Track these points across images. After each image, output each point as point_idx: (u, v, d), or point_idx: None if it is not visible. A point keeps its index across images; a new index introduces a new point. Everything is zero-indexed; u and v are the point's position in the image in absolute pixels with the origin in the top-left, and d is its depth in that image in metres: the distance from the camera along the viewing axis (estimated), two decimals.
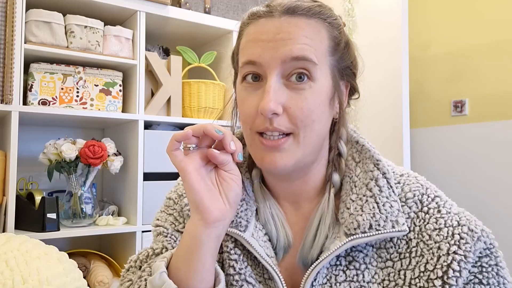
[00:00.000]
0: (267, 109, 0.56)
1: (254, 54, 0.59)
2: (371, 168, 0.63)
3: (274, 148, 0.59)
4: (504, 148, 2.29)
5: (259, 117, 0.59)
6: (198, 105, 1.71)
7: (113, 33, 1.56)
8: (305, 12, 0.59)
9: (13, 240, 1.04)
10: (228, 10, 1.87)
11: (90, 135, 1.79)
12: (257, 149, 0.61)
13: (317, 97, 0.59)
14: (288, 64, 0.57)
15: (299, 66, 0.58)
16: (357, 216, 0.59)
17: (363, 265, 0.59)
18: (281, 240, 0.63)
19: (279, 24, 0.58)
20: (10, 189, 1.35)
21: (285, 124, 0.58)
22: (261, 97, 0.58)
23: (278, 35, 0.58)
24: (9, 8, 1.35)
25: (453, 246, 0.56)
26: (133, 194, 1.57)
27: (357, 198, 0.61)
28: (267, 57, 0.58)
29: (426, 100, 2.62)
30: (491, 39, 2.37)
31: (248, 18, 0.63)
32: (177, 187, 0.75)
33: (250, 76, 0.60)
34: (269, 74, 0.58)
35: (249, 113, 0.60)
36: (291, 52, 0.57)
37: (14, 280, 0.92)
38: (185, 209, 0.70)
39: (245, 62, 0.60)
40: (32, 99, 1.43)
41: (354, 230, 0.58)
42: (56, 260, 1.03)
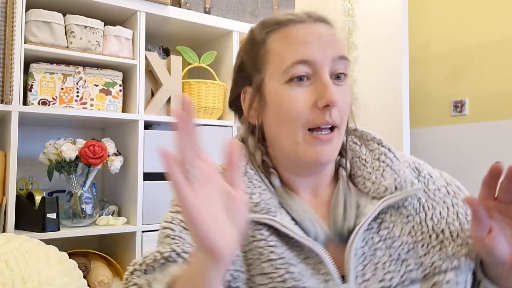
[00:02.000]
0: (335, 100, 0.62)
1: (306, 54, 0.64)
2: (376, 147, 0.75)
3: (328, 141, 0.65)
4: (504, 148, 2.29)
5: (314, 113, 0.64)
6: (198, 105, 1.71)
7: (113, 33, 1.56)
8: (330, 22, 0.69)
9: (13, 240, 1.04)
10: (228, 10, 1.87)
11: (90, 135, 1.79)
12: (309, 145, 0.65)
13: (349, 93, 0.69)
14: (336, 62, 0.65)
15: (342, 64, 0.66)
16: (382, 182, 0.69)
17: (391, 223, 0.68)
18: (320, 235, 0.66)
19: (320, 28, 0.67)
20: (10, 189, 1.35)
21: (337, 117, 0.65)
22: (314, 93, 0.64)
23: (323, 38, 0.65)
24: (9, 8, 1.35)
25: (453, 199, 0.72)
26: (133, 194, 1.57)
27: (374, 170, 0.71)
28: (320, 56, 0.64)
29: (426, 100, 2.62)
30: (491, 38, 2.37)
31: (273, 25, 0.68)
32: None
33: (298, 77, 0.64)
34: (323, 71, 0.64)
35: (302, 110, 0.64)
36: (338, 52, 0.65)
37: (14, 280, 0.92)
38: None
39: (296, 61, 0.64)
40: (32, 99, 1.43)
41: (383, 193, 0.68)
42: (56, 260, 1.04)
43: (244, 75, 0.71)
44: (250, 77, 0.70)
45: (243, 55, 0.72)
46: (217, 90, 1.76)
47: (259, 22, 0.71)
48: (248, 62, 0.71)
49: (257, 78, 0.68)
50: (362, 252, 0.65)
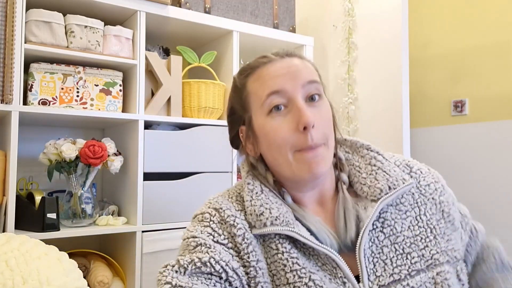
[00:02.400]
0: (310, 121, 0.70)
1: (278, 85, 0.73)
2: (366, 152, 0.81)
3: (316, 155, 0.71)
4: (504, 148, 2.29)
5: (297, 136, 0.71)
6: (198, 105, 1.71)
7: (113, 33, 1.56)
8: (298, 55, 0.79)
9: (13, 240, 1.04)
10: (228, 10, 1.86)
11: (90, 135, 1.79)
12: (302, 162, 0.72)
13: (328, 110, 0.76)
14: (306, 87, 0.74)
15: (313, 87, 0.74)
16: (376, 185, 0.76)
17: (392, 221, 0.74)
18: (333, 243, 0.72)
19: (286, 62, 0.76)
20: (10, 189, 1.35)
21: (318, 137, 0.72)
22: (293, 119, 0.72)
23: (291, 69, 0.74)
24: (9, 8, 1.34)
25: (441, 197, 0.79)
26: (133, 194, 1.57)
27: (368, 174, 0.78)
28: (290, 85, 0.73)
29: (426, 100, 2.62)
30: (491, 39, 2.37)
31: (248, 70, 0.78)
32: (209, 204, 0.78)
33: (275, 107, 0.73)
34: (295, 97, 0.73)
35: (286, 137, 0.72)
36: (306, 78, 0.74)
37: (14, 280, 0.92)
38: (228, 220, 0.73)
39: (270, 93, 0.73)
40: (32, 99, 1.43)
41: (379, 195, 0.75)
42: (56, 260, 1.03)
43: (237, 117, 0.81)
44: (242, 117, 0.80)
45: (232, 100, 0.83)
46: (217, 90, 1.76)
47: (239, 70, 0.82)
48: (236, 105, 0.81)
49: (247, 117, 0.78)
50: (370, 251, 0.71)
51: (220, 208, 0.75)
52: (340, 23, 2.24)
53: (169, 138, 1.64)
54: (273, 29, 1.95)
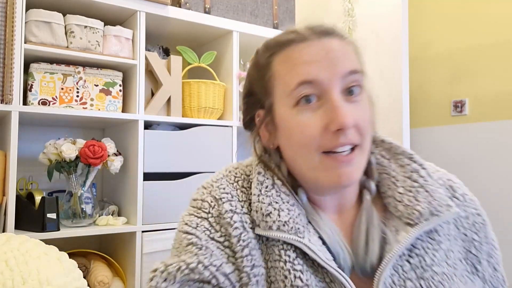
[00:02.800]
0: (347, 122, 0.58)
1: (311, 74, 0.60)
2: (407, 162, 0.68)
3: (348, 162, 0.60)
4: (504, 148, 2.29)
5: (327, 137, 0.59)
6: (198, 105, 1.71)
7: (113, 33, 1.56)
8: (338, 33, 0.64)
9: (13, 240, 1.04)
10: (228, 10, 1.86)
11: (90, 135, 1.79)
12: (330, 169, 0.60)
13: (367, 106, 0.64)
14: (346, 79, 0.60)
15: (354, 79, 0.61)
16: (415, 206, 0.63)
17: (422, 250, 0.62)
18: (346, 260, 0.62)
19: (324, 45, 0.61)
20: (10, 189, 1.35)
21: (355, 137, 0.60)
22: (324, 116, 0.59)
23: (329, 55, 0.60)
24: (9, 8, 1.34)
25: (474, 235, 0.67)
26: (133, 194, 1.57)
27: (405, 190, 0.65)
28: (327, 75, 0.59)
29: (426, 100, 2.62)
30: (491, 39, 2.37)
31: (275, 47, 0.64)
32: (211, 189, 0.68)
33: (305, 98, 0.60)
34: (331, 90, 0.60)
35: (313, 135, 0.60)
36: (347, 67, 0.60)
37: (14, 280, 0.92)
38: (225, 216, 0.63)
39: (301, 82, 0.60)
40: (32, 99, 1.43)
41: (417, 219, 0.62)
42: (56, 260, 1.03)
43: (255, 99, 0.68)
44: (261, 101, 0.67)
45: (251, 79, 0.70)
46: (217, 90, 1.76)
47: (264, 43, 0.68)
48: (256, 86, 0.68)
49: (267, 102, 0.66)
50: (391, 280, 0.60)
51: (220, 198, 0.65)
52: (340, 23, 2.24)
53: (169, 138, 1.64)
54: (273, 29, 1.96)
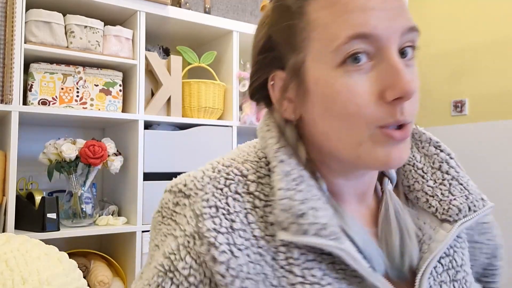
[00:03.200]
0: (412, 89, 0.46)
1: (369, 25, 0.46)
2: (434, 151, 0.60)
3: (403, 139, 0.49)
4: (505, 148, 2.29)
5: (380, 107, 0.47)
6: (198, 105, 1.71)
7: (113, 33, 1.56)
8: None
9: (13, 240, 1.04)
10: (228, 10, 1.86)
11: (90, 135, 1.79)
12: (379, 146, 0.48)
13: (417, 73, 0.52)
14: (405, 37, 0.48)
15: (411, 38, 0.49)
16: (452, 201, 0.56)
17: (451, 249, 0.56)
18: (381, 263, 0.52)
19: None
20: (10, 189, 1.35)
21: (411, 111, 0.48)
22: (379, 80, 0.47)
23: (386, 3, 0.47)
24: (9, 8, 1.35)
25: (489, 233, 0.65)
26: (133, 194, 1.57)
27: (436, 183, 0.58)
28: (385, 28, 0.47)
29: (426, 100, 2.62)
30: (491, 38, 2.37)
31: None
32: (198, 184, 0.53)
33: (353, 56, 0.47)
34: (389, 49, 0.47)
35: (364, 104, 0.47)
36: (408, 22, 0.48)
37: (14, 280, 0.92)
38: (207, 235, 0.48)
39: (354, 36, 0.46)
40: (32, 99, 1.44)
41: (456, 216, 0.55)
42: (56, 260, 1.04)
43: (274, 56, 0.54)
44: (283, 59, 0.53)
45: (271, 29, 0.54)
46: (217, 90, 1.76)
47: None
48: (279, 38, 0.53)
49: (294, 60, 0.51)
50: (428, 284, 0.52)
51: (200, 214, 0.50)
52: None
53: (169, 138, 1.64)
54: None
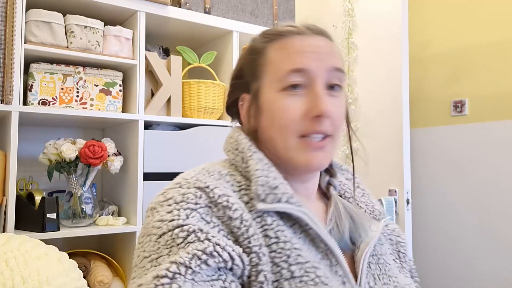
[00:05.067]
0: (327, 110, 0.64)
1: (303, 63, 0.66)
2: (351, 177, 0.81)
3: (320, 148, 0.66)
4: (504, 148, 2.29)
5: (304, 121, 0.65)
6: (198, 105, 1.71)
7: (113, 33, 1.56)
8: (328, 36, 0.71)
9: (13, 240, 1.04)
10: (228, 10, 1.86)
11: (90, 135, 1.79)
12: (300, 151, 0.66)
13: (344, 104, 0.71)
14: (331, 74, 0.67)
15: (337, 76, 0.68)
16: (374, 206, 0.78)
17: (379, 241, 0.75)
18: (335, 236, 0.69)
19: (317, 41, 0.68)
20: (10, 189, 1.35)
21: (328, 127, 0.66)
22: (306, 102, 0.65)
23: (321, 49, 0.67)
24: (9, 8, 1.35)
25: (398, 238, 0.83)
26: (133, 194, 1.57)
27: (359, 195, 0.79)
28: (315, 66, 0.66)
29: (426, 100, 2.62)
30: (491, 39, 2.37)
31: (273, 35, 0.70)
32: (187, 184, 0.62)
33: (293, 86, 0.66)
34: (316, 81, 0.66)
35: (293, 118, 0.65)
36: (334, 64, 0.67)
37: (14, 280, 0.92)
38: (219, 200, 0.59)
39: (292, 70, 0.66)
40: (32, 99, 1.44)
41: (379, 216, 0.77)
42: (56, 260, 1.04)
43: (243, 82, 0.73)
44: (248, 84, 0.72)
45: (243, 62, 0.74)
46: (217, 90, 1.76)
47: (261, 32, 0.73)
48: (247, 69, 0.72)
49: (255, 86, 0.70)
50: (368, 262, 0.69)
51: (206, 186, 0.61)
52: (340, 23, 2.24)
53: (169, 138, 1.64)
54: None
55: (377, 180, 2.08)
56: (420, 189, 2.57)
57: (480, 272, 2.33)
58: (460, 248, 2.42)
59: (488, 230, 2.32)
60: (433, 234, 2.52)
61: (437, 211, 2.53)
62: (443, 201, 2.50)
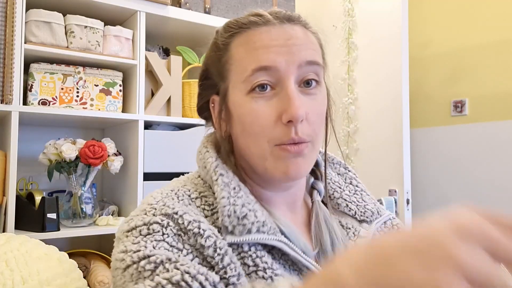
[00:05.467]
0: (299, 115, 0.55)
1: (268, 60, 0.56)
2: (344, 171, 0.74)
3: (299, 153, 0.57)
4: (504, 148, 2.29)
5: (278, 128, 0.56)
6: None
7: (113, 33, 1.56)
8: (302, 22, 0.61)
9: (13, 240, 1.04)
10: (228, 10, 1.86)
11: (90, 135, 1.79)
12: (278, 159, 0.58)
13: (324, 101, 0.62)
14: (303, 69, 0.58)
15: (312, 70, 0.58)
16: (365, 206, 0.70)
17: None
18: (309, 250, 0.60)
19: (285, 30, 0.58)
20: (10, 189, 1.35)
21: (307, 132, 0.57)
22: (278, 106, 0.56)
23: (290, 41, 0.57)
24: (9, 8, 1.34)
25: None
26: (133, 194, 1.57)
27: (351, 193, 0.71)
28: (283, 62, 0.56)
29: (426, 100, 2.62)
30: (491, 39, 2.37)
31: (235, 28, 0.61)
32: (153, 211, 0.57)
33: (260, 86, 0.57)
34: (287, 79, 0.57)
35: (265, 125, 0.57)
36: (306, 57, 0.58)
37: (14, 280, 0.92)
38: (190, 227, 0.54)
39: (257, 68, 0.56)
40: (32, 99, 1.43)
41: (371, 217, 0.69)
42: (56, 260, 1.03)
43: (210, 83, 0.65)
44: (216, 85, 0.64)
45: (207, 61, 0.67)
46: None
47: (224, 23, 0.65)
48: (212, 68, 0.65)
49: (222, 87, 0.62)
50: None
51: (174, 213, 0.55)
52: (340, 23, 2.24)
53: (169, 138, 1.64)
54: None
55: (377, 180, 2.08)
56: (420, 189, 2.57)
57: None
58: None
59: None
60: None
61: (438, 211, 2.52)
62: (443, 201, 2.50)
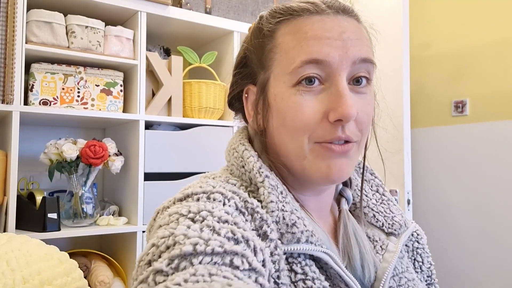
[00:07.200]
0: (351, 114, 0.51)
1: (321, 53, 0.52)
2: (371, 177, 0.69)
3: (344, 153, 0.53)
4: (505, 148, 2.29)
5: (322, 125, 0.52)
6: (199, 105, 1.71)
7: (114, 33, 1.57)
8: (355, 15, 0.57)
9: (14, 240, 1.04)
10: (229, 11, 1.86)
11: (91, 135, 1.79)
12: (319, 158, 0.53)
13: (373, 101, 0.59)
14: (356, 66, 0.54)
15: (364, 68, 0.55)
16: (394, 217, 0.64)
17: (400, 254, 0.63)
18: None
19: (340, 22, 0.54)
20: (11, 189, 1.35)
21: (354, 131, 0.54)
22: (326, 102, 0.52)
23: (344, 34, 0.53)
24: (10, 8, 1.35)
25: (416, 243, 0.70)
26: (134, 194, 1.57)
27: (377, 202, 0.65)
28: (337, 57, 0.52)
29: (427, 100, 2.62)
30: (492, 39, 2.37)
31: (285, 14, 0.55)
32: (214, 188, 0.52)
33: (307, 79, 0.52)
34: (338, 75, 0.52)
35: (309, 121, 0.52)
36: (361, 54, 0.54)
37: (15, 280, 0.92)
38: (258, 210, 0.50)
39: (308, 61, 0.52)
40: (33, 99, 1.44)
41: (399, 230, 0.63)
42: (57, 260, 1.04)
43: (248, 71, 0.60)
44: (255, 74, 0.58)
45: (248, 47, 0.60)
46: (218, 90, 1.76)
47: (270, 9, 0.59)
48: (253, 56, 0.59)
49: (262, 77, 0.57)
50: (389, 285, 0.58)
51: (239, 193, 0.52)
52: None
53: (170, 138, 1.64)
54: None
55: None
56: (421, 189, 2.57)
57: (481, 271, 2.32)
58: (461, 248, 2.42)
59: (489, 230, 2.31)
60: (434, 234, 2.52)
61: (438, 211, 2.52)
62: (444, 201, 2.50)
